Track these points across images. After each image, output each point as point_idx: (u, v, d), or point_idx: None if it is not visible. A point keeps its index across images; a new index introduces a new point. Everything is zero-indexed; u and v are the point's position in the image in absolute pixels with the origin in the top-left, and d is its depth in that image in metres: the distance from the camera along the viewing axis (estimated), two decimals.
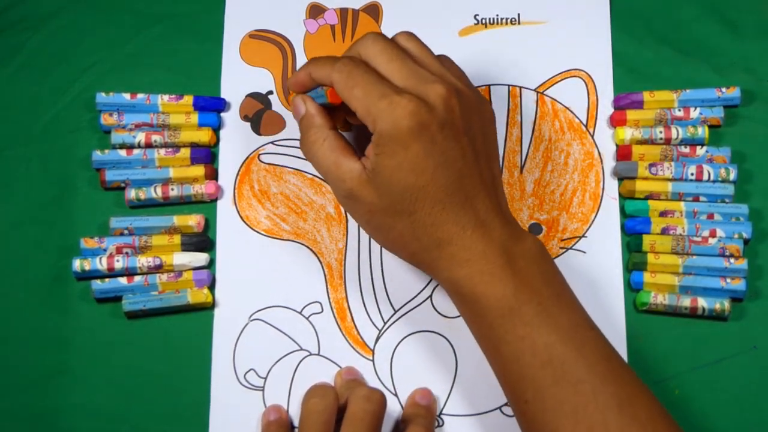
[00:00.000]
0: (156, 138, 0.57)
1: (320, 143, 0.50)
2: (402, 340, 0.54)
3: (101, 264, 0.54)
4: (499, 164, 0.51)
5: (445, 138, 0.47)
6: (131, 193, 0.56)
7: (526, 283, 0.47)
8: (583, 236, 0.56)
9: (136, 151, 0.56)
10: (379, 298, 0.55)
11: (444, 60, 0.52)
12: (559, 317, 0.46)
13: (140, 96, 0.57)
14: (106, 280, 0.54)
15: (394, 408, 0.53)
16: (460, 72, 0.52)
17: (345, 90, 0.48)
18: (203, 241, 0.55)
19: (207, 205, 0.57)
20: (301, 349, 0.54)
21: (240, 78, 0.59)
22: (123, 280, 0.54)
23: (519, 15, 0.60)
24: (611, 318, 0.54)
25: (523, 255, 0.47)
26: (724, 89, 0.57)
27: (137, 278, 0.54)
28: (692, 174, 0.55)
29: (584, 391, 0.45)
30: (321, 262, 0.56)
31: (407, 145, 0.46)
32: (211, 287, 0.55)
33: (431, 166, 0.46)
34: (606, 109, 0.58)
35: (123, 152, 0.56)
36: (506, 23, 0.60)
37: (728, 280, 0.53)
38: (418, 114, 0.46)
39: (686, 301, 0.53)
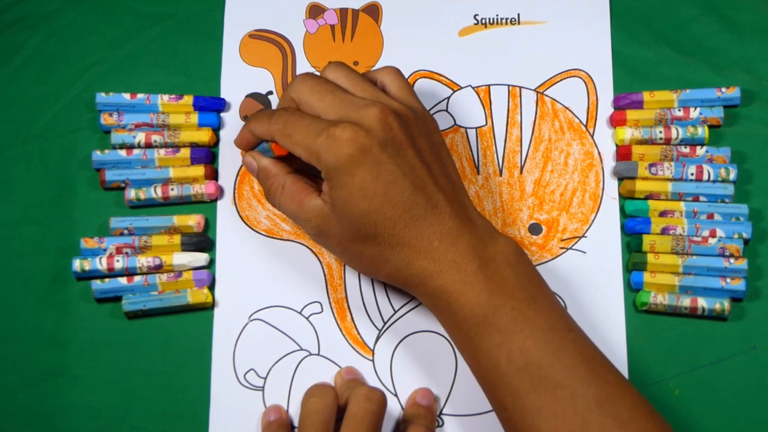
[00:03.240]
0: (156, 138, 0.57)
1: (280, 191, 0.51)
2: (402, 340, 0.54)
3: (101, 264, 0.54)
4: (455, 169, 0.51)
5: (389, 156, 0.47)
6: (131, 193, 0.56)
7: (500, 288, 0.46)
8: (583, 236, 0.56)
9: (136, 151, 0.56)
10: (379, 298, 0.55)
11: (386, 74, 0.52)
12: (534, 321, 0.46)
13: (140, 96, 0.57)
14: (106, 280, 0.54)
15: (394, 408, 0.53)
16: (402, 85, 0.52)
17: (284, 139, 0.49)
18: (203, 241, 0.55)
19: (207, 205, 0.57)
20: (301, 349, 0.54)
21: (240, 78, 0.59)
22: (123, 280, 0.54)
23: (519, 15, 0.60)
24: (611, 318, 0.54)
25: (494, 258, 0.47)
26: (724, 89, 0.57)
27: (137, 278, 0.54)
28: (692, 174, 0.55)
29: (563, 396, 0.44)
30: (321, 262, 0.56)
31: (353, 173, 0.47)
32: (211, 287, 0.55)
33: (382, 187, 0.47)
34: (606, 109, 0.58)
35: (123, 152, 0.56)
36: (506, 23, 0.60)
37: (728, 280, 0.53)
38: (355, 140, 0.47)
39: (686, 301, 0.53)
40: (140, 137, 0.57)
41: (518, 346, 0.45)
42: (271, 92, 0.59)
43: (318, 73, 0.52)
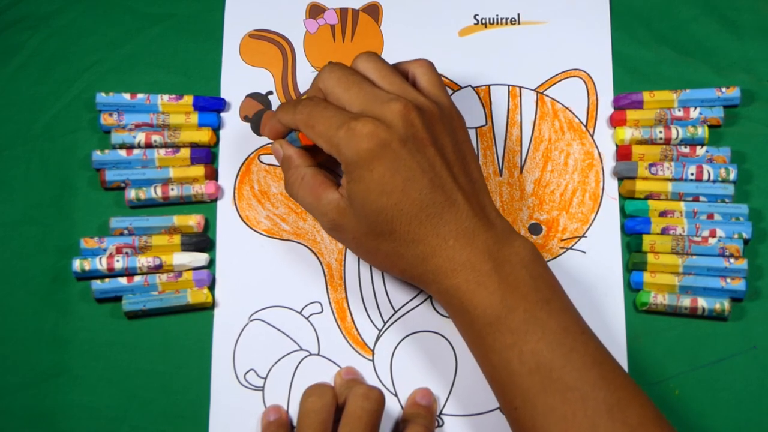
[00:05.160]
0: (156, 138, 0.57)
1: (299, 182, 0.51)
2: (402, 340, 0.54)
3: (101, 264, 0.54)
4: (478, 168, 0.51)
5: (409, 152, 0.47)
6: (131, 193, 0.56)
7: (514, 289, 0.46)
8: (583, 236, 0.56)
9: (136, 151, 0.56)
10: (379, 298, 0.55)
11: (418, 67, 0.52)
12: (547, 323, 0.46)
13: (140, 96, 0.57)
14: (106, 280, 0.54)
15: (394, 408, 0.53)
16: (432, 79, 0.51)
17: (307, 129, 0.49)
18: (203, 241, 0.55)
19: (207, 205, 0.57)
20: (301, 349, 0.54)
21: (240, 78, 0.59)
22: (123, 280, 0.54)
23: (519, 15, 0.60)
24: (611, 318, 0.54)
25: (509, 259, 0.47)
26: (724, 89, 0.57)
27: (137, 278, 0.54)
28: (692, 174, 0.55)
29: (573, 398, 0.45)
30: (321, 262, 0.56)
31: (372, 168, 0.47)
32: (211, 287, 0.55)
33: (400, 183, 0.47)
34: (606, 109, 0.58)
35: (123, 152, 0.56)
36: (506, 23, 0.60)
37: (728, 280, 0.53)
38: (375, 135, 0.47)
39: (686, 301, 0.53)
40: (140, 137, 0.57)
41: (530, 347, 0.45)
42: (271, 92, 0.59)
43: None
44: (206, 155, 0.57)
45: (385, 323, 0.55)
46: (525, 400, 0.45)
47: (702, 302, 0.53)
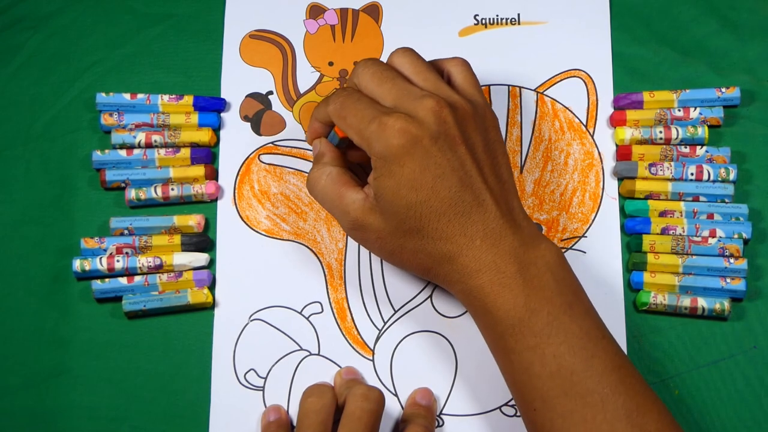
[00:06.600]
0: (156, 138, 0.57)
1: (322, 179, 0.51)
2: (402, 340, 0.54)
3: (101, 264, 0.54)
4: (509, 169, 0.50)
5: (440, 150, 0.47)
6: (131, 193, 0.56)
7: (538, 292, 0.46)
8: (583, 236, 0.56)
9: (136, 151, 0.56)
10: (379, 298, 0.55)
11: (453, 65, 0.52)
12: (569, 326, 0.46)
13: (140, 96, 0.57)
14: (106, 280, 0.54)
15: (394, 408, 0.53)
16: (468, 77, 0.51)
17: (339, 120, 0.49)
18: (203, 241, 0.55)
19: (207, 205, 0.57)
20: (301, 349, 0.54)
21: (240, 78, 0.59)
22: (123, 280, 0.54)
23: (519, 15, 0.60)
24: (611, 318, 0.54)
25: (535, 262, 0.47)
26: (723, 89, 0.57)
27: (137, 278, 0.54)
28: (692, 174, 0.55)
29: (593, 402, 0.45)
30: (321, 262, 0.56)
31: (402, 163, 0.47)
32: (211, 287, 0.55)
33: (430, 180, 0.47)
34: (606, 109, 0.58)
35: (123, 152, 0.56)
36: (506, 23, 0.60)
37: (728, 280, 0.53)
38: (407, 131, 0.46)
39: (686, 301, 0.53)
40: (140, 137, 0.57)
41: (552, 350, 0.45)
42: (271, 92, 0.59)
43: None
44: (206, 155, 0.57)
45: (385, 323, 0.55)
46: (544, 403, 0.45)
47: (702, 302, 0.53)
